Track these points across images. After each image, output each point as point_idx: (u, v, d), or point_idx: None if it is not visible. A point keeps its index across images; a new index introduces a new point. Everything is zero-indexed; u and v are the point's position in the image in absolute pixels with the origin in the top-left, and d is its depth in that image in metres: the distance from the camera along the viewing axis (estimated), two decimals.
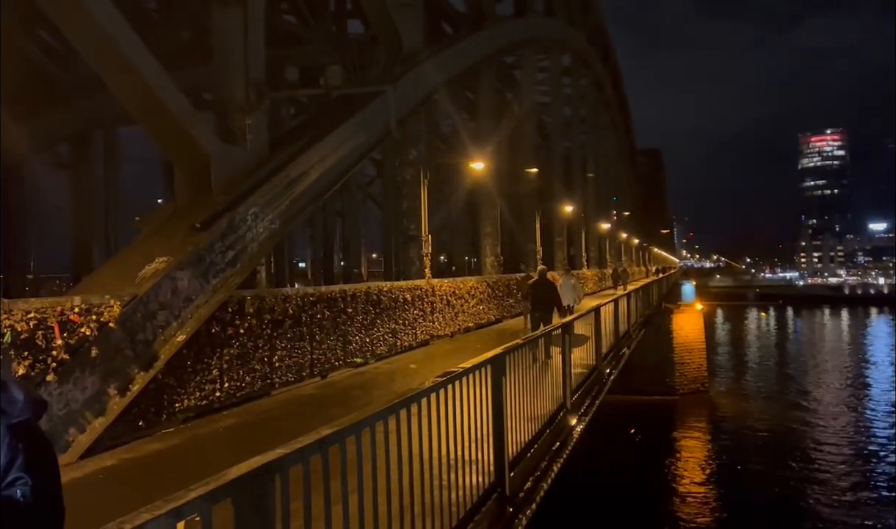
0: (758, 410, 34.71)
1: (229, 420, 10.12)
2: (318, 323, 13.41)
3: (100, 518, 2.19)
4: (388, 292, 16.66)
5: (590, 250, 54.24)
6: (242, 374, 11.14)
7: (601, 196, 62.26)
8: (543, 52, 40.80)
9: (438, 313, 19.60)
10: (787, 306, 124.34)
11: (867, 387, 41.92)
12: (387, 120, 15.88)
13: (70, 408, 7.93)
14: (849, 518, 19.63)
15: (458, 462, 5.20)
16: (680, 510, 20.46)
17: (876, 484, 22.71)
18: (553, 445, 8.14)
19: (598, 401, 11.52)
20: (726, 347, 63.04)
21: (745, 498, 21.34)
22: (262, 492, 2.89)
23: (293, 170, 12.25)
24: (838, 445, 27.51)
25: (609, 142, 68.64)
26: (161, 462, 7.93)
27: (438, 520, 4.83)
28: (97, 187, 28.35)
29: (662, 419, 31.76)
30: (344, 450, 3.63)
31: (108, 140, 29.39)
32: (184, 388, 9.94)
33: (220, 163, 11.16)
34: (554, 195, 42.52)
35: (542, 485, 7.03)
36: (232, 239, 10.65)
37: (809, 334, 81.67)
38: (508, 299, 26.84)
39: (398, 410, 4.32)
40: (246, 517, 2.81)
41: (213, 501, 2.58)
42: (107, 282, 9.61)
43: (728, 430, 30.67)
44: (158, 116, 10.73)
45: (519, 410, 7.01)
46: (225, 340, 10.75)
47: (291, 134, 14.09)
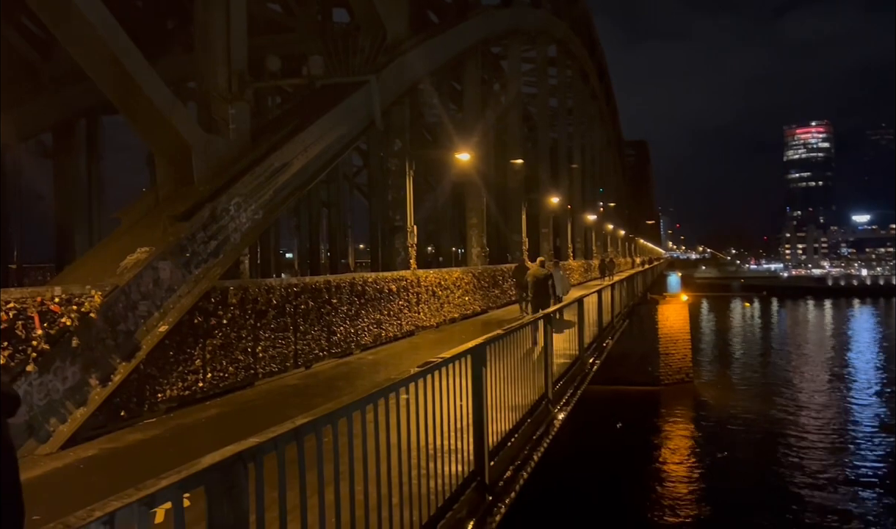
0: (742, 400, 35.09)
1: (212, 411, 10.12)
2: (303, 314, 13.40)
3: (78, 506, 2.21)
4: (372, 282, 16.66)
5: (576, 242, 54.38)
6: (225, 364, 11.13)
7: (587, 187, 62.40)
8: (529, 43, 40.74)
9: (424, 304, 19.62)
10: (771, 297, 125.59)
11: (850, 377, 42.45)
12: (370, 110, 15.83)
13: (51, 398, 7.90)
14: (830, 502, 19.93)
15: (438, 452, 5.24)
16: (663, 499, 20.66)
17: (857, 470, 23.06)
18: (534, 434, 8.20)
19: (580, 391, 11.60)
20: (711, 337, 63.56)
21: (728, 487, 21.60)
22: (235, 481, 2.90)
23: (276, 160, 12.21)
24: (821, 433, 27.90)
25: (595, 133, 68.72)
26: (143, 452, 7.92)
27: (417, 509, 4.86)
28: (80, 176, 28.10)
29: (647, 409, 32.05)
30: (320, 440, 3.65)
31: (92, 129, 29.13)
32: (166, 378, 9.92)
33: (201, 153, 11.10)
34: (540, 186, 42.58)
35: (521, 474, 7.09)
36: (214, 229, 10.61)
37: (793, 325, 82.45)
38: (494, 290, 26.90)
39: (376, 400, 4.34)
40: (218, 505, 2.83)
41: (184, 489, 2.59)
42: (88, 272, 9.56)
43: (712, 419, 31.00)
44: (139, 106, 10.65)
45: (500, 400, 7.06)
46: (208, 330, 10.73)
47: (274, 124, 14.02)
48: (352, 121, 15.11)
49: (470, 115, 29.81)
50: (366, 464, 4.10)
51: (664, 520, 19.00)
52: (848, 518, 18.94)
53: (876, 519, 18.97)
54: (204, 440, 8.56)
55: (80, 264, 11.13)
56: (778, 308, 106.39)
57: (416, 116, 29.21)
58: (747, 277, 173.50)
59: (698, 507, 19.91)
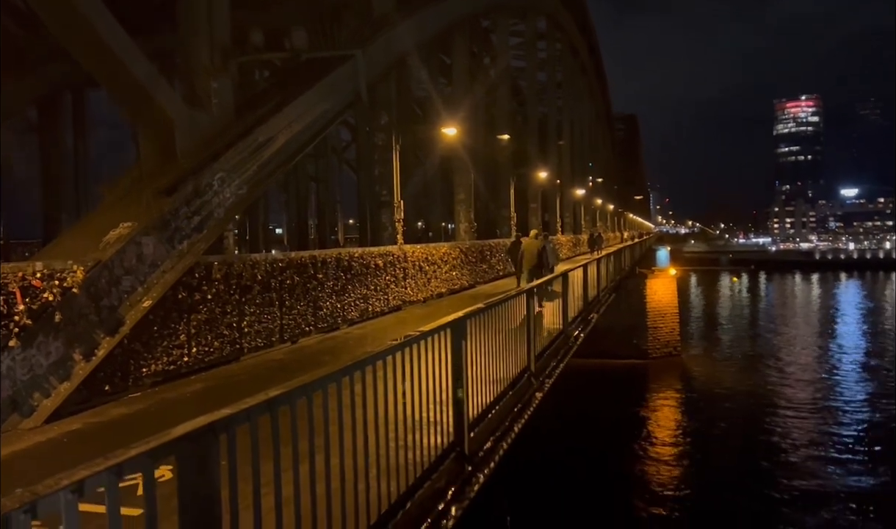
0: (729, 373, 35.50)
1: (197, 385, 10.18)
2: (288, 289, 13.43)
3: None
4: (359, 258, 16.69)
5: (564, 217, 54.44)
6: (210, 339, 11.17)
7: (576, 162, 62.34)
8: (518, 16, 40.47)
9: (411, 279, 19.67)
10: (759, 271, 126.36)
11: (836, 350, 42.95)
12: (356, 85, 15.74)
13: (34, 373, 7.93)
14: (816, 475, 20.22)
15: (418, 424, 5.32)
16: (649, 471, 20.93)
17: (843, 442, 23.39)
18: (515, 407, 8.31)
19: (562, 364, 11.72)
20: (699, 311, 64.06)
21: (714, 458, 21.88)
22: (207, 452, 2.95)
23: (260, 135, 12.15)
24: (808, 405, 28.29)
25: (585, 107, 68.53)
26: (127, 426, 7.98)
27: (395, 480, 4.94)
28: (67, 152, 27.88)
29: (634, 382, 32.37)
30: (294, 411, 3.69)
31: (78, 104, 28.84)
32: (150, 353, 9.96)
33: (184, 127, 11.05)
34: (529, 161, 42.52)
35: (501, 445, 7.20)
36: (198, 204, 10.59)
37: (780, 298, 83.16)
38: (482, 265, 26.96)
39: (352, 372, 4.38)
40: (189, 476, 2.87)
41: (154, 459, 2.64)
42: (70, 248, 9.55)
43: (699, 392, 31.36)
44: (121, 81, 10.57)
45: (481, 372, 7.15)
46: (192, 305, 10.75)
47: (258, 98, 13.93)
48: (337, 95, 15.02)
49: (459, 89, 29.68)
50: (342, 437, 4.15)
51: (650, 493, 19.26)
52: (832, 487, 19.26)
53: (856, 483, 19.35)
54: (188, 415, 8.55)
55: (63, 239, 11.10)
56: (766, 282, 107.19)
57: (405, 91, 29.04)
58: (736, 251, 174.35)
59: (685, 479, 20.17)
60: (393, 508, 4.80)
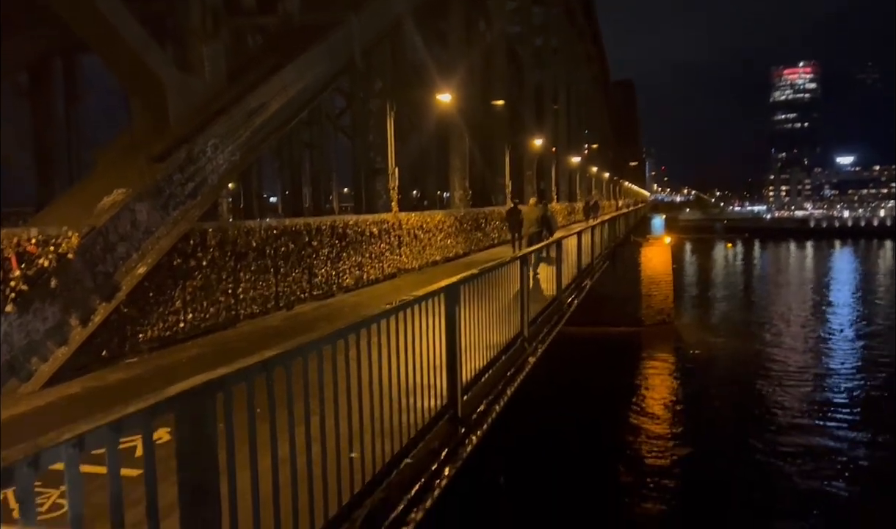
0: (722, 340, 35.82)
1: (193, 351, 10.26)
2: (283, 256, 13.47)
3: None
4: (354, 225, 16.70)
5: (560, 184, 54.38)
6: (206, 305, 11.24)
7: (572, 129, 62.11)
8: None
9: (406, 247, 19.72)
10: (753, 239, 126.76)
11: (829, 317, 43.32)
12: (351, 49, 15.60)
13: (31, 338, 7.99)
14: (809, 440, 20.48)
15: (412, 388, 5.41)
16: (641, 436, 21.19)
17: (835, 408, 23.68)
18: (508, 371, 8.41)
19: (556, 330, 11.84)
20: (693, 279, 64.38)
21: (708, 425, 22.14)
22: (204, 410, 3.02)
23: (253, 100, 12.08)
24: (801, 371, 28.57)
25: (581, 73, 68.07)
26: (125, 390, 8.07)
27: (390, 441, 5.04)
28: (58, 117, 27.64)
29: (628, 350, 32.64)
30: (289, 373, 3.76)
31: (70, 68, 28.51)
32: (147, 319, 10.03)
33: (176, 93, 10.98)
34: (525, 128, 42.36)
35: (494, 408, 7.31)
36: (191, 171, 10.57)
37: (774, 266, 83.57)
38: (477, 233, 27.00)
39: (346, 334, 4.45)
40: (187, 433, 2.95)
41: (153, 415, 2.71)
42: (64, 214, 9.53)
43: (692, 359, 31.68)
44: (112, 45, 10.46)
45: (475, 337, 7.24)
46: (187, 272, 10.80)
47: (251, 63, 13.81)
48: (331, 61, 14.89)
49: (454, 54, 29.42)
50: (336, 400, 4.23)
51: (642, 458, 19.53)
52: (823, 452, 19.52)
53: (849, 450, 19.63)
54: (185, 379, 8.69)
55: (56, 205, 11.07)
56: (760, 250, 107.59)
57: (400, 57, 28.80)
58: (731, 219, 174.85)
59: (675, 446, 20.41)
60: (388, 467, 4.90)
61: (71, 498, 2.28)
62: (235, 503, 3.16)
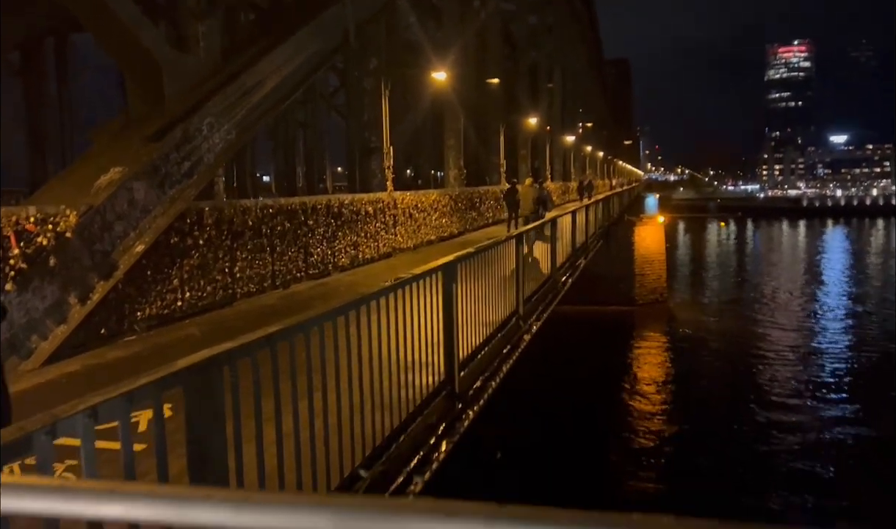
0: (714, 319, 36.06)
1: (191, 329, 10.32)
2: (279, 235, 13.50)
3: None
4: (349, 204, 16.73)
5: (554, 164, 54.33)
6: (203, 284, 11.29)
7: (567, 108, 61.93)
8: None
9: (400, 226, 19.76)
10: (746, 218, 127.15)
11: (821, 296, 43.60)
12: (345, 27, 15.55)
13: (31, 316, 8.04)
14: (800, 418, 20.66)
15: (411, 364, 5.50)
16: (634, 414, 21.39)
17: (826, 387, 23.91)
18: (504, 348, 8.52)
19: (551, 308, 11.94)
20: (686, 258, 64.63)
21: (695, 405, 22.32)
22: (211, 383, 3.10)
23: (248, 79, 12.06)
24: (792, 350, 28.84)
25: (576, 52, 67.76)
26: (124, 367, 8.13)
27: (389, 415, 5.14)
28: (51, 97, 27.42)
29: (620, 329, 32.83)
30: (293, 347, 3.84)
31: (62, 48, 28.24)
32: (145, 297, 10.08)
33: (172, 72, 10.96)
34: (519, 108, 42.24)
35: (490, 384, 7.42)
36: (187, 150, 10.58)
37: (767, 245, 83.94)
38: (471, 213, 27.03)
39: (347, 311, 4.54)
40: (195, 404, 3.04)
41: (162, 388, 2.79)
42: (61, 193, 9.56)
43: (684, 338, 31.91)
44: (106, 23, 10.43)
45: (471, 315, 7.33)
46: (184, 250, 10.84)
47: (245, 41, 13.76)
48: (325, 38, 14.85)
49: (449, 32, 29.27)
50: (338, 375, 4.32)
51: (635, 435, 19.73)
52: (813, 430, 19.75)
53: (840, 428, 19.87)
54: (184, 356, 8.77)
55: (53, 184, 11.09)
56: (753, 229, 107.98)
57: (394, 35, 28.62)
58: (724, 198, 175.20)
59: (669, 422, 20.60)
60: (387, 441, 5.00)
61: (87, 470, 2.35)
62: (242, 474, 3.26)
